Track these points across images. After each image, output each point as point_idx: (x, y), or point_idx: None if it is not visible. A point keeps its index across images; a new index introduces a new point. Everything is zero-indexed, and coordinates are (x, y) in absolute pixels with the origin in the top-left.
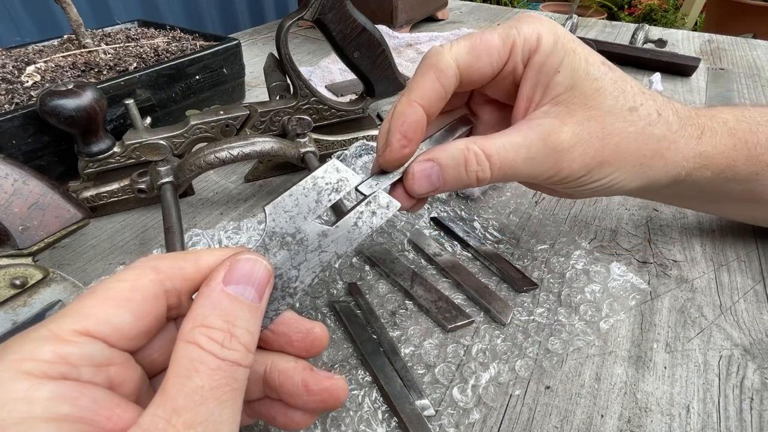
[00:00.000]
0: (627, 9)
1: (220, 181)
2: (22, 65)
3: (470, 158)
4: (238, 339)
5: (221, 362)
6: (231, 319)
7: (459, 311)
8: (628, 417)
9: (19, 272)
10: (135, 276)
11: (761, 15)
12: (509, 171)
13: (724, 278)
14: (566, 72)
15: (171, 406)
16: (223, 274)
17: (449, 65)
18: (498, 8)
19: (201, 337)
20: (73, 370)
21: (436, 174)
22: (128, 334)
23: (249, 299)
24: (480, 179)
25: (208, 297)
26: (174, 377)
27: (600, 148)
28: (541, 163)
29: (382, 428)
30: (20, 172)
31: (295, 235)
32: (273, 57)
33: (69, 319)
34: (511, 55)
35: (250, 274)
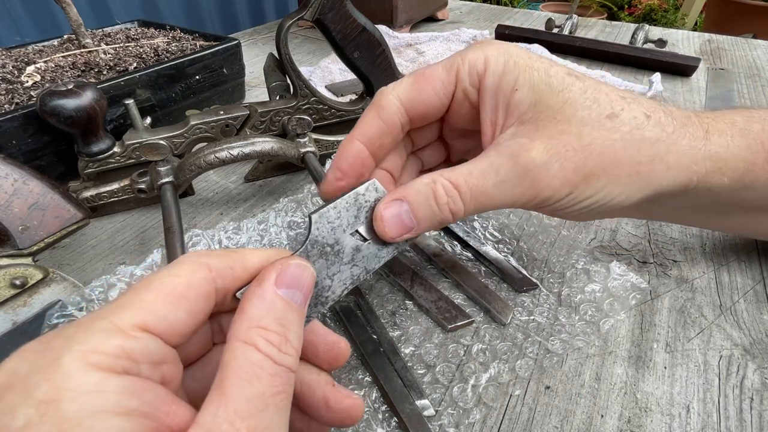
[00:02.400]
0: (627, 9)
1: (220, 181)
2: (22, 65)
3: (438, 191)
4: (291, 343)
5: (278, 368)
6: (285, 323)
7: (459, 311)
8: (628, 417)
9: (19, 272)
10: (189, 272)
11: (761, 15)
12: (482, 199)
13: (724, 278)
14: (525, 88)
15: (233, 409)
16: (275, 276)
17: (390, 102)
18: (498, 8)
19: (259, 339)
20: (135, 366)
21: (407, 214)
22: (181, 332)
23: (298, 304)
24: (454, 212)
25: (262, 298)
26: (233, 379)
27: (581, 160)
28: (515, 185)
29: (382, 428)
30: (20, 172)
31: (333, 246)
32: (273, 57)
33: (129, 313)
34: (458, 82)
35: (300, 279)
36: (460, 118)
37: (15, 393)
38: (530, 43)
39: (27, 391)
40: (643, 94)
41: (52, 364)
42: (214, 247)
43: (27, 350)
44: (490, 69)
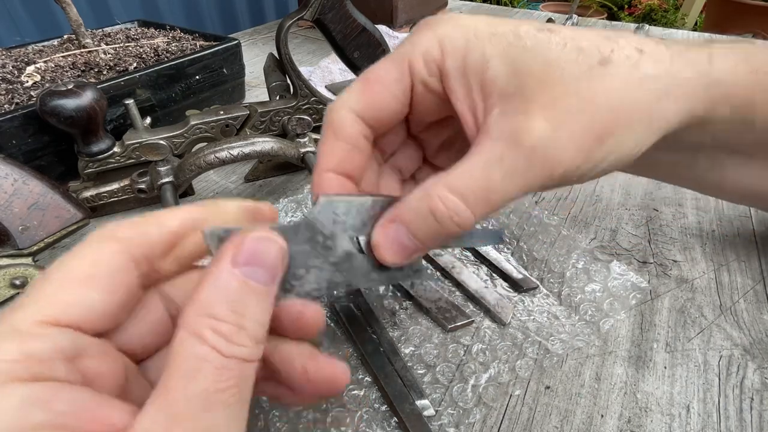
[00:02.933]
0: (627, 9)
1: (220, 181)
2: (22, 65)
3: (437, 206)
4: (247, 331)
5: (227, 360)
6: (240, 309)
7: (459, 311)
8: (628, 417)
9: (19, 272)
10: (94, 249)
11: (761, 15)
12: (493, 197)
13: (724, 278)
14: (496, 60)
15: (172, 411)
16: (232, 254)
17: (343, 117)
18: (498, 8)
19: (206, 329)
20: (45, 368)
21: (405, 235)
22: (100, 315)
23: (261, 281)
24: (461, 224)
25: (216, 280)
26: (174, 375)
27: (589, 121)
28: (526, 170)
29: (382, 428)
30: (20, 172)
31: (326, 239)
32: (273, 57)
33: (29, 309)
34: (413, 76)
35: (263, 254)
36: (428, 112)
37: None
38: None
39: None
40: None
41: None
42: None
43: None
44: (449, 51)
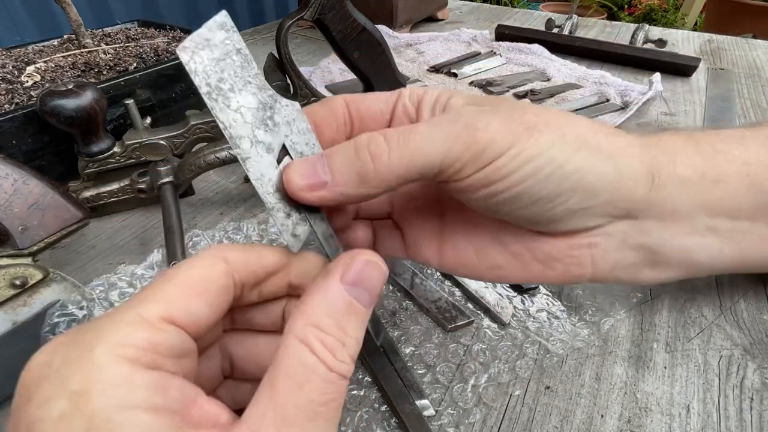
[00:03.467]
0: (627, 9)
1: (220, 181)
2: (22, 65)
3: (360, 137)
4: (348, 349)
5: (331, 374)
6: (344, 327)
7: (459, 311)
8: (628, 417)
9: (19, 272)
10: (209, 265)
11: (761, 15)
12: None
13: (724, 278)
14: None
15: (281, 413)
16: (342, 270)
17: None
18: (498, 8)
19: (315, 341)
20: (162, 360)
21: (320, 163)
22: (202, 325)
23: (363, 305)
24: (374, 155)
25: (326, 294)
26: (284, 380)
27: (518, 113)
28: (449, 125)
29: (382, 428)
30: (20, 172)
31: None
32: (273, 57)
33: (155, 305)
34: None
35: (369, 277)
36: None
37: (50, 383)
38: (530, 43)
39: (61, 382)
40: (643, 94)
41: (83, 356)
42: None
43: (59, 343)
44: (429, 92)
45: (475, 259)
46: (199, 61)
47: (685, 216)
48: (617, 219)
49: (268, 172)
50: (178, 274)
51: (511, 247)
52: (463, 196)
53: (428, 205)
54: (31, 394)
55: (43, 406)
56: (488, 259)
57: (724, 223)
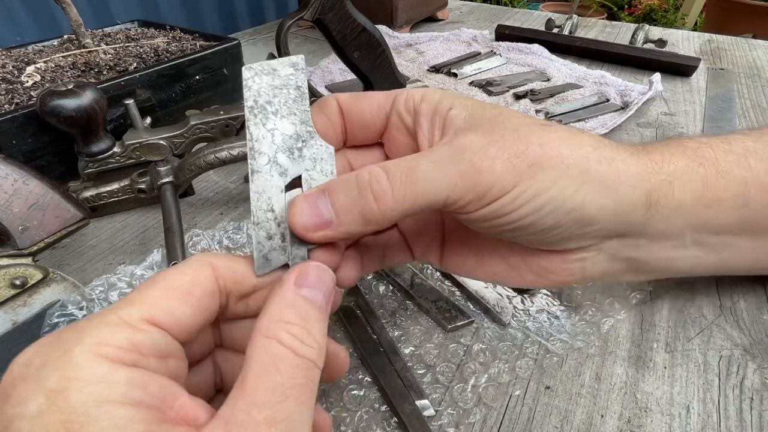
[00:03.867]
0: (627, 9)
1: (220, 181)
2: (22, 65)
3: (362, 174)
4: (314, 337)
5: (300, 360)
6: (306, 318)
7: (459, 311)
8: (628, 417)
9: (19, 272)
10: (194, 270)
11: (761, 15)
12: (413, 178)
13: (724, 278)
14: (459, 107)
15: (251, 400)
16: (295, 278)
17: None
18: (498, 8)
19: (281, 332)
20: (143, 359)
21: (324, 203)
22: (187, 328)
23: (318, 303)
24: (377, 194)
25: (283, 297)
26: (253, 372)
27: (522, 147)
28: (452, 163)
29: (382, 428)
30: (20, 172)
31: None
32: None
33: (137, 307)
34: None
35: (319, 279)
36: (399, 149)
37: (28, 383)
38: (530, 43)
39: (39, 381)
40: (643, 94)
41: (63, 356)
42: (214, 246)
43: (41, 343)
44: (426, 98)
45: (475, 266)
46: (258, 81)
47: (675, 234)
48: (610, 238)
49: (272, 192)
50: (163, 278)
51: (510, 260)
52: (468, 223)
53: (431, 214)
54: (8, 393)
55: (20, 405)
56: (487, 267)
57: (710, 238)
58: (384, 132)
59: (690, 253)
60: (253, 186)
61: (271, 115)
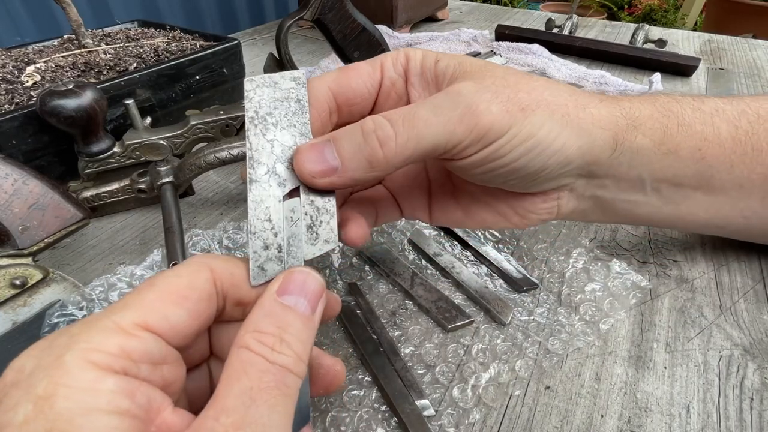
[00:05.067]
0: (627, 9)
1: (220, 181)
2: (22, 65)
3: (366, 122)
4: (289, 345)
5: (270, 365)
6: (282, 326)
7: (459, 311)
8: (628, 417)
9: (19, 272)
10: (192, 272)
11: (761, 15)
12: (416, 123)
13: (724, 278)
14: (446, 59)
15: (220, 405)
16: (278, 285)
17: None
18: (498, 8)
19: (252, 341)
20: (134, 366)
21: (329, 150)
22: (183, 333)
23: (301, 310)
24: (382, 140)
25: (262, 306)
26: (224, 379)
27: (512, 93)
28: (452, 108)
29: (382, 428)
30: (20, 172)
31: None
32: (273, 57)
33: (131, 312)
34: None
35: (303, 286)
36: None
37: (19, 389)
38: (530, 43)
39: (29, 387)
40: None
41: (54, 362)
42: (214, 246)
43: (35, 348)
44: (411, 57)
45: (463, 217)
46: (259, 93)
47: (636, 177)
48: (581, 177)
49: (269, 201)
50: (159, 280)
51: (496, 207)
52: (462, 171)
53: (415, 173)
54: (0, 399)
55: (9, 412)
56: (475, 217)
57: (668, 188)
58: (375, 105)
59: (650, 200)
60: (251, 195)
61: (272, 126)
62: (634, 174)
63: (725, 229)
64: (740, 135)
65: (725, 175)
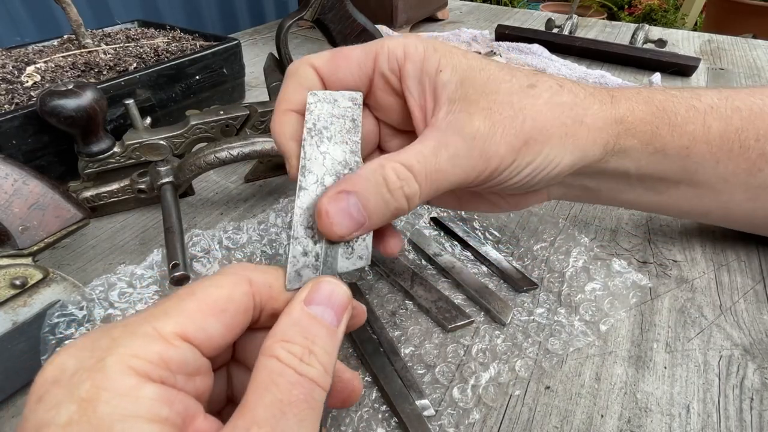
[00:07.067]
0: (627, 9)
1: (220, 181)
2: (22, 65)
3: (389, 176)
4: (317, 356)
5: (300, 378)
6: (310, 337)
7: (459, 311)
8: (628, 417)
9: (19, 272)
10: (231, 284)
11: (761, 15)
12: (437, 176)
13: (724, 278)
14: (449, 69)
15: (251, 416)
16: (305, 294)
17: (308, 71)
18: (498, 8)
19: (281, 350)
20: (171, 376)
21: (355, 206)
22: (217, 345)
23: (328, 321)
24: (409, 197)
25: (289, 315)
26: (254, 389)
27: (519, 126)
28: (467, 157)
29: (382, 428)
30: (20, 172)
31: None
32: (273, 57)
33: (172, 320)
34: (376, 66)
35: (330, 297)
36: (388, 111)
37: (61, 388)
38: (530, 43)
39: (71, 387)
40: None
41: (96, 364)
42: (214, 246)
43: (75, 347)
44: (410, 55)
45: (457, 204)
46: (320, 107)
47: (622, 173)
48: (571, 175)
49: (314, 210)
50: (200, 290)
51: (490, 199)
52: None
53: None
54: (42, 396)
55: (52, 410)
56: (470, 206)
57: (652, 181)
58: (368, 94)
59: (635, 189)
60: (298, 202)
61: (326, 140)
62: (620, 170)
63: (707, 217)
64: (730, 133)
65: (710, 170)
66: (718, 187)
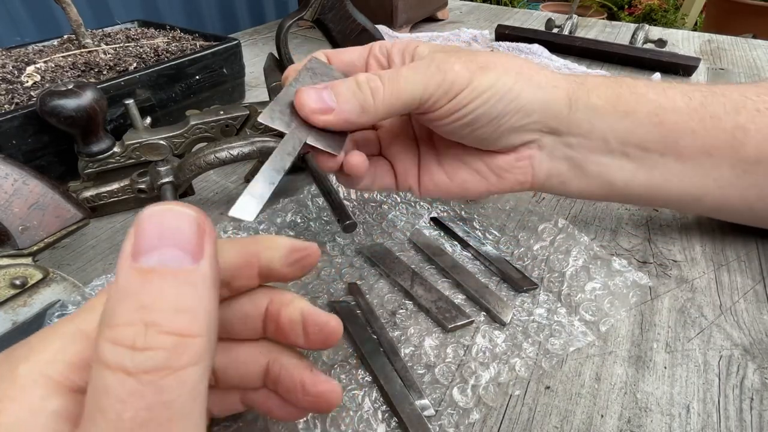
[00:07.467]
0: (627, 9)
1: (220, 181)
2: (22, 65)
3: (359, 76)
4: (161, 327)
5: (134, 382)
6: (147, 303)
7: (459, 311)
8: (628, 417)
9: (19, 272)
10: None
11: (761, 15)
12: (398, 78)
13: (724, 278)
14: (424, 47)
15: None
16: (130, 246)
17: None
18: (498, 8)
19: (107, 348)
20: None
21: (327, 94)
22: None
23: (173, 265)
24: (373, 90)
25: (116, 282)
26: (84, 413)
27: (473, 57)
28: (425, 68)
29: (382, 428)
30: (20, 172)
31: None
32: (273, 57)
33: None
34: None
35: (163, 231)
36: None
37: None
38: (530, 43)
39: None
40: None
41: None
42: None
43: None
44: (396, 44)
45: (447, 180)
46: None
47: (600, 137)
48: (547, 134)
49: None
50: None
51: (473, 165)
52: (435, 123)
53: (407, 141)
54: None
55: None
56: (456, 178)
57: (636, 151)
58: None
59: (621, 163)
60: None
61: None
62: (597, 134)
63: (703, 201)
64: (695, 103)
65: (689, 141)
66: (704, 161)
